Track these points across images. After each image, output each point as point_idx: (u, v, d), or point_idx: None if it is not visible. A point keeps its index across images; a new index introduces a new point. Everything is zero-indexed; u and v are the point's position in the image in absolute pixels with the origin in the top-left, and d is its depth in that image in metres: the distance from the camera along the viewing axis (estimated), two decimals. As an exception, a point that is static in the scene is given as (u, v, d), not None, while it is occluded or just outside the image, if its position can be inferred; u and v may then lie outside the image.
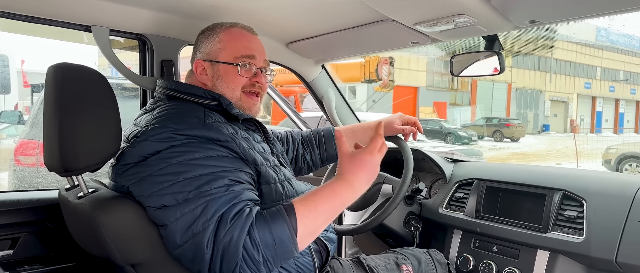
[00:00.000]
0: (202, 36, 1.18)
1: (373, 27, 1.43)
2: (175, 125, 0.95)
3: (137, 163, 0.93)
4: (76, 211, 0.98)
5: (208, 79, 1.13)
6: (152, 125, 0.97)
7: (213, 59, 1.13)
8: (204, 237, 0.84)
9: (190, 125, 0.96)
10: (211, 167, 0.91)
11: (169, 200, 0.88)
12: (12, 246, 1.35)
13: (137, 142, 0.95)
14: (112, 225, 0.87)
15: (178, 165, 0.89)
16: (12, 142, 5.37)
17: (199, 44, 1.17)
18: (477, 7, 1.17)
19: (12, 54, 7.01)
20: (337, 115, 2.03)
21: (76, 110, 0.92)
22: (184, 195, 0.87)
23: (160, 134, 0.94)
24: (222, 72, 1.12)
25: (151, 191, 0.90)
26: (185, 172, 0.89)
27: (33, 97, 9.20)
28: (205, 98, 1.07)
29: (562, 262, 1.33)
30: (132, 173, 0.94)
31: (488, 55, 1.48)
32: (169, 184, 0.88)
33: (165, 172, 0.89)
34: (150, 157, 0.92)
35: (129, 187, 0.94)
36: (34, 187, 3.74)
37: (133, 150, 0.95)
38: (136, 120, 1.09)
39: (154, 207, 0.90)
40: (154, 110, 1.06)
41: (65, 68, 0.93)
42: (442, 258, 1.43)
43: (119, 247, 0.87)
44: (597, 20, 2.06)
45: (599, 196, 1.31)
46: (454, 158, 1.84)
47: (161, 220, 0.89)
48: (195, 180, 0.88)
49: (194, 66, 1.15)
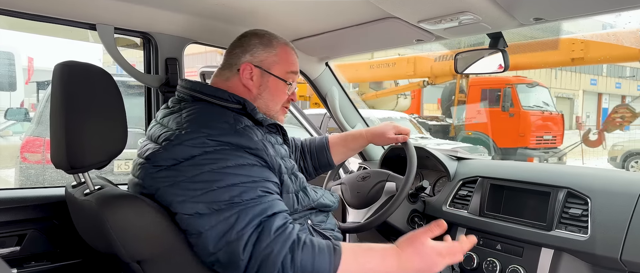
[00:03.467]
0: (259, 42, 1.14)
1: (377, 25, 1.43)
2: (208, 131, 0.94)
3: (169, 167, 0.92)
4: (83, 208, 0.98)
5: (253, 85, 1.12)
6: (186, 129, 0.95)
7: (266, 69, 1.13)
8: (239, 245, 0.86)
9: (222, 131, 0.95)
10: (242, 176, 0.92)
11: (202, 208, 0.88)
12: (18, 242, 1.36)
13: (170, 145, 0.94)
14: (118, 222, 0.87)
15: (211, 173, 0.90)
16: (18, 139, 5.41)
17: (253, 48, 1.13)
18: (481, 5, 1.17)
19: (18, 51, 7.05)
20: (341, 113, 2.03)
21: (83, 108, 0.93)
22: (218, 205, 0.89)
23: (195, 139, 0.93)
24: (271, 84, 1.14)
25: (184, 197, 0.90)
26: (218, 181, 0.90)
27: (38, 95, 9.25)
28: (230, 101, 1.07)
29: (566, 260, 1.32)
30: (164, 176, 0.92)
31: (492, 52, 1.48)
32: (202, 192, 0.89)
33: (198, 180, 0.90)
34: (184, 162, 0.91)
35: (160, 189, 0.92)
36: (40, 184, 3.77)
37: (166, 153, 0.94)
38: (162, 119, 1.06)
39: (187, 214, 0.90)
40: (181, 112, 1.03)
41: (71, 66, 0.94)
42: None
43: (125, 244, 0.88)
44: (603, 16, 2.04)
45: (604, 194, 1.30)
46: (458, 156, 1.84)
47: (194, 227, 0.89)
48: (227, 189, 0.89)
49: (242, 67, 1.11)
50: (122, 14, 1.39)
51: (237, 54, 1.14)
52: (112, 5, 1.32)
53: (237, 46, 1.15)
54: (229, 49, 1.17)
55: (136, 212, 0.89)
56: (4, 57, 6.66)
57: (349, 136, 1.61)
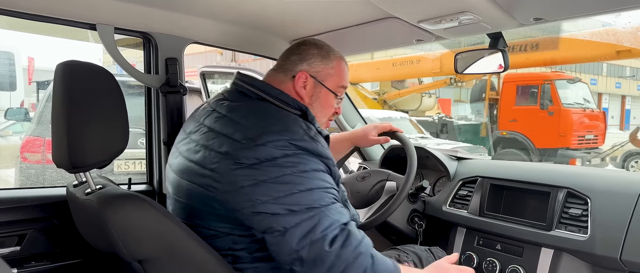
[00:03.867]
0: (317, 53, 1.16)
1: (377, 25, 1.43)
2: (290, 135, 0.96)
3: (250, 166, 0.92)
4: (84, 207, 0.99)
5: (306, 94, 1.13)
6: (268, 130, 0.96)
7: (320, 80, 1.15)
8: (324, 245, 0.90)
9: (300, 136, 0.97)
10: (318, 181, 0.95)
11: (284, 209, 0.91)
12: (18, 242, 1.37)
13: (254, 144, 0.93)
14: (119, 221, 0.88)
15: (292, 175, 0.92)
16: (18, 139, 5.41)
17: (312, 59, 1.15)
18: (481, 5, 1.17)
19: (18, 51, 7.05)
20: (341, 113, 2.04)
21: (84, 107, 0.93)
22: (299, 207, 0.91)
23: (277, 142, 0.94)
24: (323, 95, 1.16)
25: (268, 197, 0.91)
26: (299, 184, 0.92)
27: (38, 94, 9.25)
28: (293, 107, 1.08)
29: (566, 259, 1.32)
30: (245, 174, 0.92)
31: (492, 52, 1.48)
32: (284, 194, 0.91)
33: (281, 181, 0.92)
34: (265, 162, 0.92)
35: (244, 187, 0.92)
36: (40, 184, 3.77)
37: (249, 152, 0.93)
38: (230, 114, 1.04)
39: (268, 213, 0.91)
40: (250, 109, 1.03)
41: (74, 65, 0.94)
42: (443, 256, 1.43)
43: (126, 243, 0.88)
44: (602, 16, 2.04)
45: (604, 194, 1.31)
46: (458, 156, 1.84)
47: (280, 224, 0.91)
48: (308, 193, 0.93)
49: (297, 75, 1.13)
50: (122, 13, 1.39)
51: (294, 60, 1.15)
52: (112, 5, 1.32)
53: (294, 53, 1.16)
54: (286, 54, 1.18)
55: (138, 211, 0.90)
56: (4, 57, 6.66)
57: (335, 139, 1.64)
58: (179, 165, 1.07)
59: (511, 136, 8.95)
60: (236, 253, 0.99)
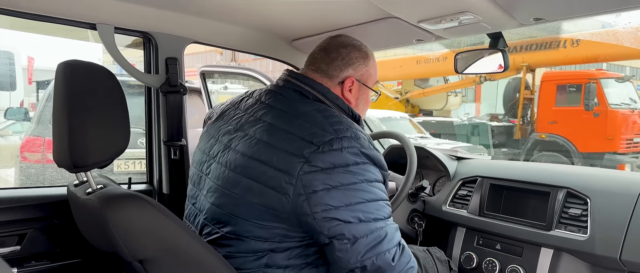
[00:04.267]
0: (359, 55, 1.16)
1: (377, 25, 1.43)
2: (360, 142, 0.97)
3: (324, 170, 0.92)
4: (85, 207, 0.99)
5: (352, 98, 1.14)
6: (342, 136, 0.96)
7: (363, 82, 1.16)
8: (389, 258, 0.95)
9: (367, 145, 0.98)
10: (381, 191, 0.98)
11: (355, 217, 0.93)
12: (19, 242, 1.37)
13: (329, 149, 0.93)
14: (120, 221, 0.88)
15: (361, 183, 0.94)
16: (18, 139, 5.41)
17: (356, 63, 1.15)
18: (481, 5, 1.17)
19: (18, 50, 7.05)
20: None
21: (85, 107, 0.93)
22: (367, 216, 0.94)
23: (352, 149, 0.95)
24: (365, 95, 1.18)
25: (340, 204, 0.92)
26: (367, 193, 0.95)
27: (38, 94, 9.25)
28: (347, 113, 1.09)
29: (565, 259, 1.33)
30: (320, 178, 0.92)
31: (492, 52, 1.48)
32: (355, 202, 0.93)
33: (352, 189, 0.93)
34: (339, 168, 0.93)
35: (318, 192, 0.92)
36: (40, 183, 3.77)
37: (325, 157, 0.93)
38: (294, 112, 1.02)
39: (340, 220, 0.92)
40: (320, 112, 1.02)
41: (74, 65, 0.94)
42: (442, 256, 1.43)
43: (126, 243, 0.88)
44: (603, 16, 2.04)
45: (604, 194, 1.31)
46: (458, 155, 1.84)
47: (350, 232, 0.92)
48: (375, 204, 0.95)
49: (346, 81, 1.13)
50: (122, 13, 1.39)
51: (338, 66, 1.14)
52: (112, 4, 1.32)
53: (336, 57, 1.14)
54: (325, 57, 1.15)
55: (139, 211, 0.90)
56: (4, 56, 6.65)
57: None
58: (232, 159, 1.04)
59: (551, 139, 8.16)
60: (274, 255, 0.99)
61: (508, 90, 10.02)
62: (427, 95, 11.40)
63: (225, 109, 1.21)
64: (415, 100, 11.58)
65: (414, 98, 11.54)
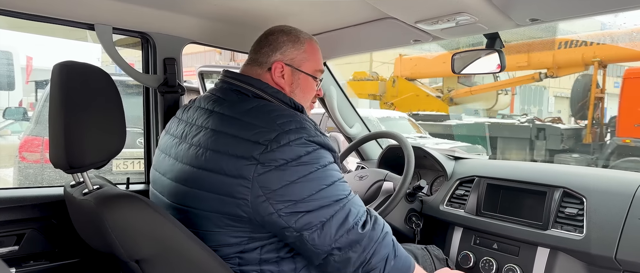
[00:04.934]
0: (287, 39, 1.15)
1: (375, 25, 1.44)
2: (306, 132, 0.97)
3: (278, 167, 0.92)
4: (81, 207, 0.99)
5: (285, 84, 1.13)
6: (286, 129, 0.95)
7: (296, 67, 1.14)
8: (357, 231, 0.96)
9: (313, 132, 0.98)
10: (336, 172, 1.00)
11: (317, 204, 0.94)
12: (17, 242, 1.37)
13: (278, 146, 0.93)
14: (116, 222, 0.88)
15: (317, 171, 0.95)
16: (17, 138, 5.41)
17: (283, 46, 1.14)
18: (478, 6, 1.18)
19: (17, 50, 7.04)
20: (339, 113, 2.04)
21: (81, 108, 0.93)
22: (329, 200, 0.95)
23: (299, 140, 0.95)
24: (302, 82, 1.16)
25: (302, 196, 0.93)
26: (324, 178, 0.96)
27: (37, 94, 9.24)
28: (289, 105, 1.09)
29: (562, 259, 1.33)
30: (276, 177, 0.92)
31: (489, 52, 1.48)
32: (315, 191, 0.94)
33: (310, 178, 0.94)
34: (292, 162, 0.93)
35: (277, 191, 0.92)
36: (39, 183, 3.77)
37: (275, 154, 0.93)
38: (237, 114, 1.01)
39: (305, 211, 0.93)
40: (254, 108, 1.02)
41: (70, 66, 0.95)
42: (440, 254, 1.44)
43: (123, 243, 0.88)
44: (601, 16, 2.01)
45: (599, 193, 1.31)
46: (455, 155, 1.85)
47: (317, 218, 0.94)
48: (333, 186, 0.97)
49: (273, 66, 1.12)
50: (120, 14, 1.39)
51: (266, 52, 1.13)
52: (110, 5, 1.32)
53: (264, 44, 1.14)
54: (256, 47, 1.16)
55: (135, 211, 0.90)
56: (3, 56, 6.65)
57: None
58: (181, 173, 1.03)
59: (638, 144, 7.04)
60: (244, 255, 0.99)
61: (577, 89, 8.90)
62: (474, 94, 10.40)
63: (171, 121, 1.20)
64: (459, 99, 10.55)
65: (459, 97, 10.50)
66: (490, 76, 9.76)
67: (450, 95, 10.61)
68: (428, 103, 10.48)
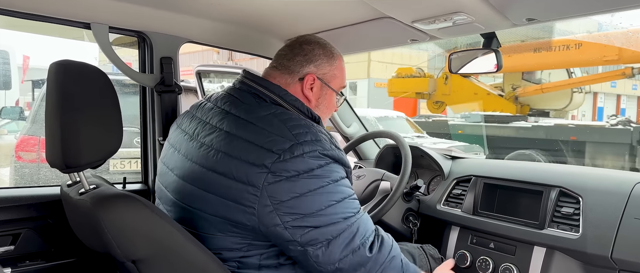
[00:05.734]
0: (323, 53, 1.14)
1: (372, 25, 1.44)
2: (321, 145, 0.95)
3: (289, 178, 0.91)
4: (78, 207, 0.99)
5: (313, 96, 1.12)
6: (301, 140, 0.93)
7: (326, 82, 1.14)
8: (365, 252, 0.95)
9: (328, 146, 0.97)
10: (347, 188, 0.98)
11: (326, 221, 0.92)
12: (13, 242, 1.36)
13: (291, 156, 0.91)
14: (113, 221, 0.88)
15: (328, 186, 0.94)
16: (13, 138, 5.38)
17: (318, 59, 1.13)
18: (475, 5, 1.18)
19: (13, 49, 7.02)
20: (336, 112, 2.04)
21: (78, 107, 0.93)
22: (337, 217, 0.93)
23: (313, 152, 0.93)
24: (328, 97, 1.16)
25: (310, 210, 0.91)
26: (334, 194, 0.94)
27: (34, 93, 9.21)
28: (306, 115, 1.07)
29: (558, 258, 1.34)
30: (285, 188, 0.90)
31: (486, 52, 1.49)
32: (325, 206, 0.92)
33: (320, 193, 0.92)
34: (304, 174, 0.92)
35: (285, 202, 0.90)
36: (35, 183, 3.75)
37: (287, 165, 0.91)
38: (252, 118, 0.99)
39: (312, 226, 0.91)
40: (270, 115, 0.99)
41: (67, 65, 0.94)
42: (435, 253, 1.45)
43: (119, 243, 0.88)
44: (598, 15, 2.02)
45: (596, 193, 1.32)
46: (453, 155, 1.85)
47: (324, 236, 0.92)
48: (342, 203, 0.95)
49: (306, 78, 1.11)
50: (117, 13, 1.39)
51: (299, 61, 1.12)
52: (107, 4, 1.32)
53: (298, 53, 1.13)
54: (288, 54, 1.13)
55: (131, 211, 0.90)
56: (-1, 55, 6.62)
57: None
58: (189, 171, 1.01)
59: None
60: (244, 260, 0.98)
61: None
62: (546, 92, 9.01)
63: (184, 115, 1.18)
64: (526, 98, 9.24)
65: (526, 95, 9.19)
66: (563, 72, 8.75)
67: (516, 94, 9.30)
68: (489, 102, 9.31)
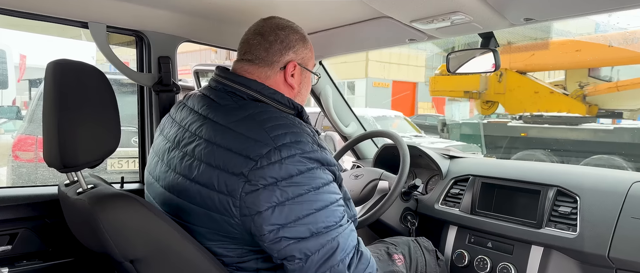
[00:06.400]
0: (299, 38, 1.09)
1: (370, 24, 1.44)
2: (302, 147, 0.90)
3: (266, 186, 0.86)
4: (75, 207, 0.98)
5: (295, 83, 1.08)
6: (280, 144, 0.88)
7: (304, 66, 1.10)
8: (344, 267, 0.90)
9: (310, 147, 0.91)
10: (330, 194, 0.92)
11: (305, 231, 0.87)
12: (10, 241, 1.36)
13: (268, 163, 0.87)
14: (111, 221, 0.87)
15: (308, 194, 0.88)
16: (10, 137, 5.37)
17: (296, 45, 1.08)
18: (473, 5, 1.18)
19: (10, 49, 6.99)
20: (335, 112, 2.04)
21: (75, 107, 0.93)
22: (317, 228, 0.88)
23: (293, 158, 0.88)
24: (307, 80, 1.13)
25: (288, 221, 0.87)
26: (315, 202, 0.89)
27: (31, 92, 9.18)
28: (288, 107, 1.03)
29: (555, 257, 1.34)
30: (264, 197, 0.86)
31: (484, 52, 1.49)
32: (304, 215, 0.87)
33: (299, 201, 0.87)
34: (283, 181, 0.87)
35: (263, 213, 0.86)
36: (32, 183, 3.74)
37: (265, 172, 0.86)
38: (229, 123, 0.94)
39: (290, 238, 0.87)
40: (249, 115, 0.94)
41: (64, 64, 0.94)
42: (429, 245, 1.45)
43: (117, 243, 0.88)
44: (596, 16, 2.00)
45: (593, 192, 1.32)
46: (451, 154, 1.85)
47: (301, 251, 0.88)
48: (324, 212, 0.89)
49: (288, 66, 1.06)
50: (115, 12, 1.38)
51: (277, 50, 1.06)
52: (104, 3, 1.32)
53: (274, 42, 1.06)
54: (262, 42, 1.06)
55: (129, 211, 0.89)
56: (-5, 54, 6.60)
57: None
58: (173, 183, 0.99)
59: None
60: (242, 265, 0.98)
61: None
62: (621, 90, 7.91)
63: (164, 121, 1.14)
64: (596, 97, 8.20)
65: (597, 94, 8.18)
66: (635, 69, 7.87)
67: (584, 92, 8.23)
68: (553, 102, 8.20)
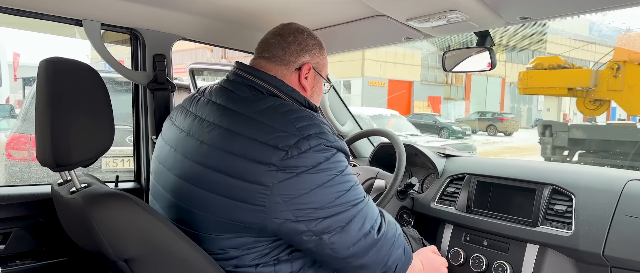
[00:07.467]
0: (315, 43, 1.14)
1: (366, 23, 1.44)
2: (325, 137, 0.96)
3: (298, 175, 0.91)
4: (69, 206, 0.97)
5: (308, 86, 1.13)
6: (306, 134, 0.93)
7: (318, 71, 1.15)
8: (375, 233, 1.00)
9: (331, 136, 0.98)
10: (352, 176, 1.01)
11: (338, 210, 0.95)
12: (3, 241, 1.35)
13: (298, 152, 0.91)
14: (104, 220, 0.87)
15: (336, 177, 0.95)
16: (4, 136, 5.32)
17: (312, 49, 1.13)
18: (468, 4, 1.18)
19: (3, 47, 6.93)
20: (330, 110, 2.04)
21: (68, 105, 0.92)
22: (348, 205, 0.96)
23: (319, 146, 0.94)
24: (319, 86, 1.17)
25: (322, 203, 0.93)
26: (343, 184, 0.96)
27: (25, 91, 9.11)
28: (304, 105, 1.07)
29: (551, 255, 1.35)
30: (295, 184, 0.90)
31: (480, 51, 1.49)
32: (335, 197, 0.94)
33: (329, 185, 0.94)
34: (312, 169, 0.92)
35: (296, 197, 0.90)
36: (26, 181, 3.71)
37: (296, 161, 0.90)
38: (252, 113, 0.97)
39: (325, 217, 0.93)
40: (271, 108, 0.98)
41: (57, 62, 0.93)
42: (415, 234, 1.47)
43: (111, 242, 0.87)
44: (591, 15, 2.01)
45: (588, 190, 1.33)
46: (446, 153, 1.86)
47: (337, 223, 0.94)
48: (350, 192, 0.97)
49: (303, 68, 1.10)
50: (109, 9, 1.37)
51: (295, 51, 1.10)
52: (99, 1, 1.31)
53: (292, 42, 1.10)
54: (280, 43, 1.10)
55: (123, 210, 0.89)
56: (-11, 52, 6.54)
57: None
58: (189, 170, 0.99)
59: None
60: (242, 257, 0.98)
61: None
62: None
63: (176, 110, 1.16)
64: None
65: None
66: None
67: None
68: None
